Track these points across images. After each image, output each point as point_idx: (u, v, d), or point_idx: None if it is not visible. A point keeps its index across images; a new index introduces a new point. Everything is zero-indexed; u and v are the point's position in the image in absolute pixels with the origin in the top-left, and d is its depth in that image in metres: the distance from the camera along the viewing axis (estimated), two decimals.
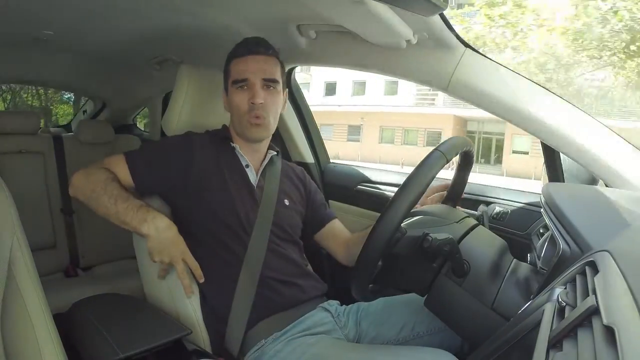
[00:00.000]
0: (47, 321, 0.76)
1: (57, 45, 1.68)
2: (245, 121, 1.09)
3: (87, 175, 1.04)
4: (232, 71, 1.10)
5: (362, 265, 0.77)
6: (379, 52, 1.14)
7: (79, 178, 1.04)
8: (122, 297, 1.11)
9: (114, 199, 0.99)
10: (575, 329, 0.42)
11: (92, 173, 1.04)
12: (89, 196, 1.01)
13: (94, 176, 1.03)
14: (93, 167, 1.06)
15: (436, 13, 0.88)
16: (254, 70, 1.08)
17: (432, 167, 0.77)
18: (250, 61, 1.08)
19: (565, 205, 0.74)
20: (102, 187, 1.00)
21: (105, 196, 0.99)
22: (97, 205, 1.01)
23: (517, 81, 1.01)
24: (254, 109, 1.07)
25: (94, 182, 1.02)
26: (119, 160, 1.07)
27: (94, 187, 1.01)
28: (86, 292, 1.17)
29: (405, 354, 0.88)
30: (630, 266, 0.47)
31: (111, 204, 0.98)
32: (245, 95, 1.08)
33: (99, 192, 1.00)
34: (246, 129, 1.10)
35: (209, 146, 1.10)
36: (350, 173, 1.63)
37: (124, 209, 0.98)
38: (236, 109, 1.10)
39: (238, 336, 1.00)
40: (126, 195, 1.00)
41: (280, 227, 1.10)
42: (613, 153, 0.95)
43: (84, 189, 1.03)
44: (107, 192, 0.99)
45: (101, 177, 1.02)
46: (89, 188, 1.02)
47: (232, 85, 1.10)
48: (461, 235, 0.83)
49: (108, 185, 1.00)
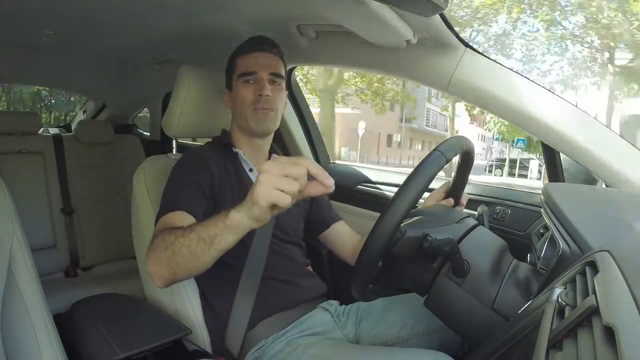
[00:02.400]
0: (47, 321, 0.76)
1: (57, 45, 1.68)
2: (250, 112, 1.08)
3: (154, 254, 0.83)
4: (239, 65, 1.11)
5: (362, 265, 0.77)
6: (379, 52, 1.14)
7: (150, 265, 0.83)
8: (122, 297, 1.12)
9: (180, 239, 0.78)
10: (575, 329, 0.42)
11: (153, 249, 0.84)
12: (170, 266, 0.80)
13: (156, 248, 0.83)
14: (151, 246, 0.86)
15: (436, 13, 0.88)
16: (262, 64, 1.09)
17: (431, 167, 0.77)
18: (258, 57, 1.10)
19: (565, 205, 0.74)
20: (165, 245, 0.80)
21: (177, 245, 0.78)
22: (184, 260, 0.78)
23: (517, 81, 1.01)
24: (261, 100, 1.07)
25: (159, 250, 0.81)
26: (166, 219, 0.92)
27: (163, 255, 0.80)
28: (86, 292, 1.17)
29: (404, 356, 0.89)
30: (630, 266, 0.47)
31: (186, 244, 0.77)
32: (252, 89, 1.08)
33: (169, 253, 0.79)
34: (252, 120, 1.09)
35: (214, 157, 1.10)
36: (351, 173, 1.63)
37: (202, 233, 0.75)
38: (241, 102, 1.09)
39: (238, 336, 1.00)
40: (189, 227, 0.80)
41: (282, 230, 1.10)
42: (613, 153, 0.95)
43: (161, 267, 0.81)
44: (172, 243, 0.79)
45: (159, 242, 0.82)
46: (163, 261, 0.80)
47: (239, 78, 1.10)
48: (461, 235, 0.83)
49: (165, 238, 0.81)
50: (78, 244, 2.04)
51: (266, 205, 0.65)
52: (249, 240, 1.04)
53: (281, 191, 0.64)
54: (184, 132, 1.24)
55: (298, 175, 0.64)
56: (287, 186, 0.64)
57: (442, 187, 1.08)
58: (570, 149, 0.97)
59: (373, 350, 0.96)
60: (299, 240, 1.16)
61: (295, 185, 0.64)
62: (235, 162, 1.12)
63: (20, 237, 0.77)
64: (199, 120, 1.23)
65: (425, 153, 0.81)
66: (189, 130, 1.26)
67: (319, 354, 0.91)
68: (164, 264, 0.80)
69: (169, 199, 0.98)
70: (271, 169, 0.64)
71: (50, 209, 1.99)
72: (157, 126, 2.31)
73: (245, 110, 1.09)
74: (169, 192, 1.01)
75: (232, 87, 1.13)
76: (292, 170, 0.64)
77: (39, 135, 2.11)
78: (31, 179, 1.97)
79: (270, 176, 0.64)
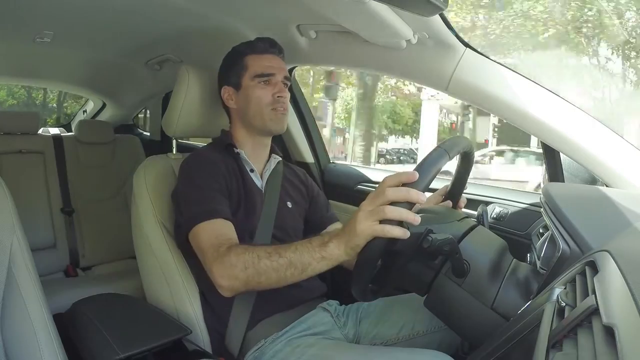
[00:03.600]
0: (47, 321, 0.76)
1: (57, 45, 1.68)
2: (269, 112, 1.10)
3: (228, 271, 0.86)
4: (253, 65, 1.12)
5: (361, 265, 0.77)
6: (379, 52, 1.14)
7: (221, 279, 0.87)
8: (122, 297, 1.12)
9: (265, 261, 0.82)
10: (575, 329, 0.42)
11: (225, 265, 0.86)
12: (250, 284, 0.85)
13: (232, 266, 0.85)
14: (214, 257, 0.89)
15: (436, 13, 0.88)
16: (278, 67, 1.12)
17: (433, 164, 0.77)
18: (272, 59, 1.13)
19: (565, 205, 0.74)
20: (245, 265, 0.84)
21: (262, 267, 0.82)
22: (269, 281, 0.83)
23: (517, 81, 1.01)
24: (280, 101, 1.10)
25: (237, 269, 0.85)
26: (208, 226, 0.94)
27: (243, 273, 0.84)
28: (86, 292, 1.17)
29: (404, 356, 0.89)
30: (630, 266, 0.47)
31: (274, 267, 0.82)
32: (269, 89, 1.10)
33: (250, 272, 0.83)
34: (270, 120, 1.11)
35: (219, 157, 1.10)
36: (351, 173, 1.63)
37: (294, 259, 0.81)
38: (257, 102, 1.10)
39: (238, 336, 1.00)
40: (272, 248, 0.85)
41: (282, 230, 1.10)
42: (613, 153, 0.95)
43: (237, 282, 0.85)
44: (254, 264, 0.83)
45: (234, 259, 0.85)
46: (242, 279, 0.85)
47: (254, 79, 1.11)
48: (461, 235, 0.83)
49: (241, 257, 0.85)
50: (78, 244, 2.04)
51: (367, 240, 0.73)
52: (249, 240, 1.04)
53: (381, 222, 0.71)
54: (184, 132, 1.24)
55: (385, 201, 0.72)
56: (382, 215, 0.71)
57: (440, 190, 1.08)
58: (570, 149, 0.97)
59: (373, 351, 0.96)
60: (299, 239, 1.16)
61: (391, 211, 0.71)
62: (238, 163, 1.12)
63: (20, 237, 0.77)
64: (199, 120, 1.23)
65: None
66: (189, 130, 1.26)
67: (319, 354, 0.91)
68: (242, 281, 0.85)
69: (201, 206, 0.97)
70: (364, 205, 0.75)
71: (50, 209, 1.99)
72: (157, 126, 2.31)
73: (262, 110, 1.10)
74: (195, 199, 1.00)
75: (240, 86, 1.13)
76: (379, 200, 0.73)
77: (39, 135, 2.11)
78: (31, 178, 1.97)
79: (365, 212, 0.74)
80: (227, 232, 0.95)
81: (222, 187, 1.03)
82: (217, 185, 1.03)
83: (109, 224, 2.08)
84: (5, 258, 0.74)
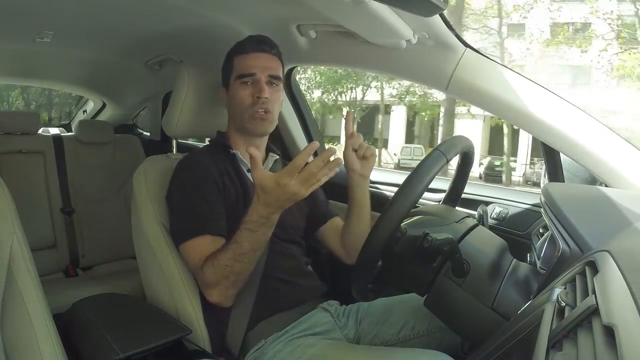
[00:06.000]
0: (47, 321, 0.76)
1: (57, 45, 1.68)
2: (248, 115, 1.07)
3: (217, 290, 0.97)
4: (237, 66, 1.10)
5: (362, 265, 0.77)
6: (379, 52, 1.13)
7: (216, 297, 0.98)
8: (122, 297, 1.12)
9: (236, 264, 0.92)
10: (575, 329, 0.42)
11: (214, 284, 0.96)
12: (237, 285, 0.96)
13: (217, 284, 0.96)
14: (200, 279, 0.99)
15: (436, 13, 0.88)
16: (261, 66, 1.08)
17: (431, 166, 0.77)
18: (256, 58, 1.09)
19: (565, 205, 0.74)
20: (226, 275, 0.93)
21: (237, 268, 0.92)
22: (242, 270, 0.93)
23: (517, 81, 1.01)
24: (259, 102, 1.06)
25: (224, 286, 0.96)
26: (194, 244, 1.00)
27: (226, 281, 0.94)
28: (86, 292, 1.17)
29: (404, 356, 0.88)
30: (630, 266, 0.47)
31: (245, 260, 0.92)
32: (249, 90, 1.07)
33: (232, 279, 0.94)
34: (249, 123, 1.08)
35: (213, 160, 1.09)
36: None
37: (243, 242, 0.90)
38: (239, 104, 1.08)
39: (238, 336, 1.00)
40: (229, 243, 0.93)
41: (282, 228, 1.10)
42: (613, 153, 0.95)
43: (229, 290, 0.97)
44: (232, 272, 0.93)
45: (219, 276, 0.94)
46: (230, 288, 0.96)
47: (236, 79, 1.09)
48: (461, 235, 0.83)
49: (218, 270, 0.93)
50: (78, 244, 2.04)
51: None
52: None
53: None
54: (184, 132, 1.24)
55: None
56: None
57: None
58: (570, 149, 0.97)
59: (373, 351, 0.96)
60: (299, 239, 1.16)
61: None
62: (234, 163, 1.11)
63: (20, 237, 0.77)
64: (199, 120, 1.23)
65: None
66: (189, 130, 1.26)
67: (319, 354, 0.91)
68: (228, 287, 0.95)
69: (188, 222, 1.01)
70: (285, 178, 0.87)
71: (50, 209, 1.99)
72: (157, 126, 2.31)
73: (242, 112, 1.08)
74: (184, 210, 1.03)
75: (229, 87, 1.12)
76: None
77: (39, 135, 2.11)
78: (31, 178, 1.97)
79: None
80: (211, 251, 0.96)
81: (212, 191, 1.03)
82: (207, 191, 1.02)
83: (109, 224, 2.08)
84: (5, 258, 0.74)
